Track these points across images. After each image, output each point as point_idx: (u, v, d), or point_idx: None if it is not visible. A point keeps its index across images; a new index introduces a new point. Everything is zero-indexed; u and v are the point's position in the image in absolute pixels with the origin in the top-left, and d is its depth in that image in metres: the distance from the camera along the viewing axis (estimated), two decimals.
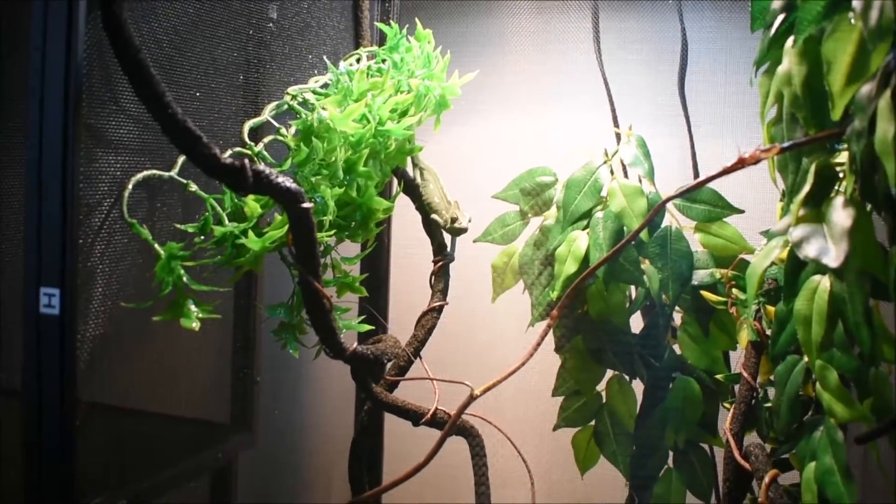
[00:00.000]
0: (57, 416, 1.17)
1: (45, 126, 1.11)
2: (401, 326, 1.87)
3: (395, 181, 1.85)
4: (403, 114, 1.63)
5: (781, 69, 1.12)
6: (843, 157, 1.10)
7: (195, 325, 1.32)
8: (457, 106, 1.76)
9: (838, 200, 1.01)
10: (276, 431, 2.32)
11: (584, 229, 1.66)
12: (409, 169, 1.86)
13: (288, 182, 1.22)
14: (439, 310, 1.79)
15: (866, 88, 0.94)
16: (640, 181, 1.66)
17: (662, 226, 1.65)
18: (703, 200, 1.64)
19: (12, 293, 1.36)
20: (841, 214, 0.99)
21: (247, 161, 1.14)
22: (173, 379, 1.72)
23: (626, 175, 1.71)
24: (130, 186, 1.29)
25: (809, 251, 0.99)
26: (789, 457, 1.48)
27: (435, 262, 1.83)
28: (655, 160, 1.68)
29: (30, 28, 1.12)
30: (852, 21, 0.95)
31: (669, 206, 1.64)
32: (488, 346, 2.18)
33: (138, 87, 1.06)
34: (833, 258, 0.96)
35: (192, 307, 1.32)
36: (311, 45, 1.77)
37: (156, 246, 1.30)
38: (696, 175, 1.82)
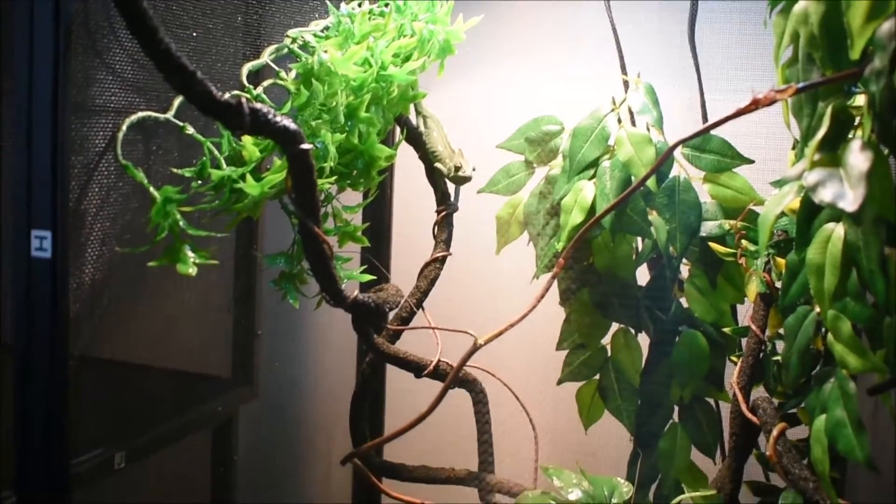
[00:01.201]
0: (48, 366, 1.14)
1: (35, 57, 1.08)
2: (403, 277, 1.85)
3: (398, 129, 1.82)
4: (406, 59, 1.60)
5: (798, 8, 1.08)
6: (859, 100, 1.07)
7: (192, 271, 1.29)
8: (462, 53, 1.72)
9: (855, 144, 0.97)
10: (277, 384, 2.32)
11: (590, 179, 1.63)
12: (413, 117, 1.82)
13: (286, 122, 1.18)
14: (442, 260, 1.77)
15: (887, 25, 0.91)
16: (649, 129, 1.62)
17: (671, 176, 1.62)
18: (713, 150, 1.60)
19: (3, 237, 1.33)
20: (858, 158, 0.95)
21: (244, 99, 1.11)
22: (172, 331, 1.70)
23: (633, 123, 1.68)
24: (125, 127, 1.26)
25: (825, 195, 0.96)
26: (797, 411, 1.46)
27: (438, 212, 1.81)
28: (664, 110, 1.64)
29: None
30: None
31: (678, 155, 1.61)
32: (492, 298, 2.16)
33: (131, 21, 1.02)
34: (850, 202, 0.93)
35: (189, 253, 1.30)
36: None
37: (151, 189, 1.27)
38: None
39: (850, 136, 1.03)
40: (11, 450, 1.18)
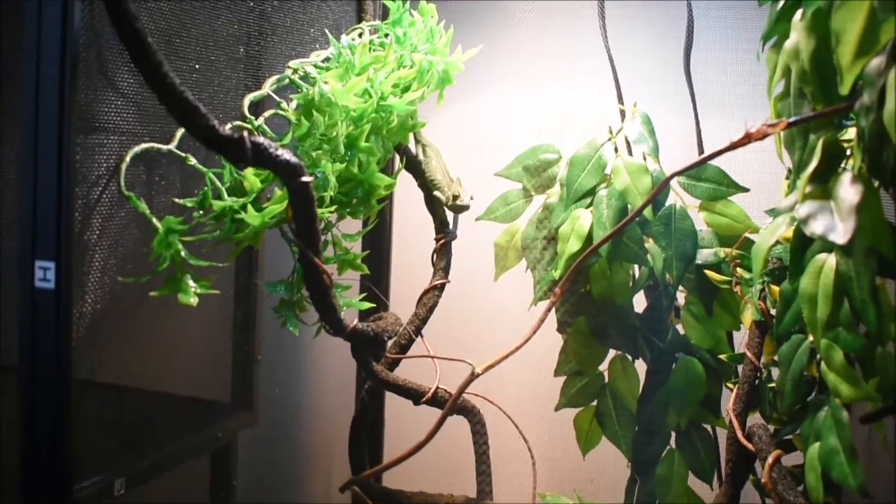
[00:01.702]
0: (52, 393, 1.16)
1: (41, 95, 1.10)
2: (402, 304, 1.86)
3: (398, 157, 1.83)
4: (406, 89, 1.62)
5: (789, 43, 1.10)
6: (850, 133, 1.09)
7: (193, 301, 1.30)
8: (460, 81, 1.74)
9: (846, 177, 0.99)
10: (277, 410, 2.32)
11: (587, 207, 1.65)
12: (412, 145, 1.84)
13: (287, 155, 1.20)
14: (441, 288, 1.78)
15: (876, 62, 0.92)
16: (645, 159, 1.64)
17: (667, 204, 1.63)
18: (708, 178, 1.62)
19: (9, 266, 1.35)
20: (849, 191, 0.97)
21: (245, 133, 1.13)
22: (172, 356, 1.71)
23: (630, 152, 1.70)
24: (128, 159, 1.27)
25: (816, 228, 0.97)
26: (793, 438, 1.47)
27: (437, 240, 1.82)
28: (660, 139, 1.66)
29: None
30: None
31: (674, 184, 1.63)
32: (490, 325, 2.17)
33: (135, 56, 1.04)
34: (840, 235, 0.94)
35: (191, 282, 1.31)
36: (313, 18, 1.75)
37: (153, 220, 1.29)
38: (701, 151, 1.80)
39: (842, 167, 1.05)
40: (13, 475, 1.19)
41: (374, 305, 1.69)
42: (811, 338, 1.35)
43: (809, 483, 1.30)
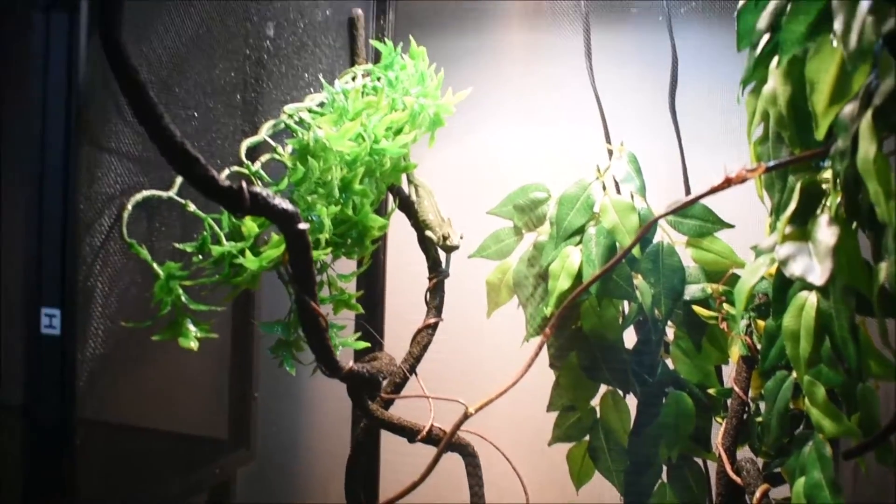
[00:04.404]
0: (58, 437, 1.18)
1: (47, 146, 1.13)
2: (397, 342, 1.89)
3: (391, 198, 1.87)
4: (398, 132, 1.65)
5: (767, 89, 1.13)
6: (829, 173, 1.12)
7: (193, 345, 1.34)
8: (451, 122, 1.78)
9: (823, 219, 1.02)
10: (274, 448, 2.33)
11: (577, 245, 1.68)
12: (405, 185, 1.87)
13: (284, 203, 1.24)
14: (434, 326, 1.81)
15: (849, 109, 0.95)
16: (632, 197, 1.67)
17: (654, 241, 1.67)
18: (695, 216, 1.65)
19: (15, 312, 1.37)
20: (825, 233, 1.01)
21: (244, 183, 1.16)
22: (172, 395, 1.73)
23: (618, 191, 1.73)
24: (130, 207, 1.30)
25: (795, 269, 1.01)
26: (781, 470, 1.50)
27: (430, 279, 1.85)
28: (647, 175, 1.70)
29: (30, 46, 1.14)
30: (834, 43, 0.96)
31: (661, 221, 1.66)
32: (483, 361, 2.19)
33: (137, 108, 1.08)
34: (818, 276, 0.98)
35: (191, 327, 1.34)
36: (308, 63, 1.79)
37: (154, 266, 1.32)
38: (687, 189, 1.84)
39: (821, 207, 1.08)
40: None
41: (370, 345, 1.71)
42: (795, 374, 1.37)
43: None
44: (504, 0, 2.19)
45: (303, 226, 1.28)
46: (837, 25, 0.90)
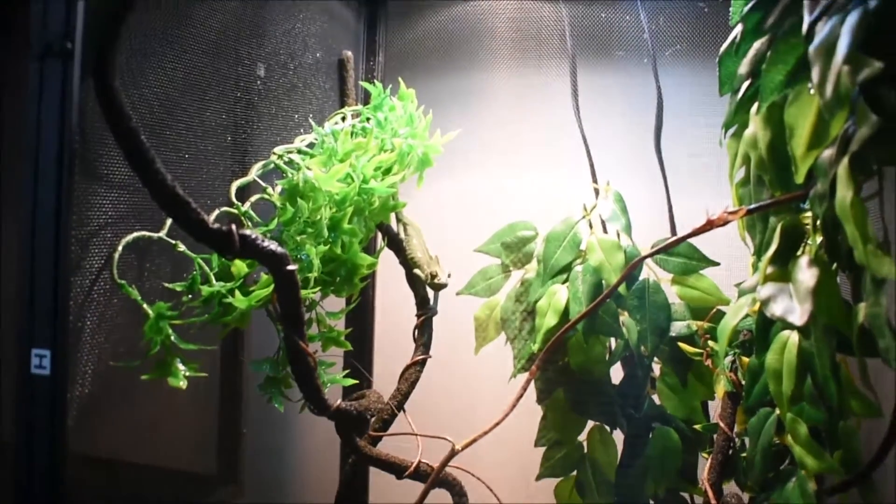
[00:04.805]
0: (48, 474, 1.19)
1: (39, 191, 1.14)
2: (385, 379, 1.90)
3: (380, 236, 1.88)
4: (387, 171, 1.67)
5: (748, 133, 1.16)
6: (809, 214, 1.14)
7: (182, 384, 1.35)
8: (439, 161, 1.80)
9: (804, 260, 1.04)
10: (263, 484, 2.33)
11: (563, 283, 1.70)
12: (393, 223, 1.89)
13: (273, 246, 1.25)
14: (422, 363, 1.82)
15: (827, 153, 0.97)
16: (618, 235, 1.69)
17: (640, 278, 1.68)
18: (680, 253, 1.67)
19: (6, 352, 1.38)
20: (806, 274, 1.03)
21: (234, 227, 1.18)
22: (162, 431, 1.73)
23: (604, 229, 1.75)
24: (120, 248, 1.32)
25: (776, 310, 1.03)
26: None
27: (418, 316, 1.86)
28: (632, 213, 1.72)
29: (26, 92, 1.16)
30: (811, 91, 0.99)
31: (647, 259, 1.67)
32: (472, 397, 2.20)
33: (129, 155, 1.09)
34: (798, 317, 1.00)
35: (180, 366, 1.35)
36: (297, 104, 1.81)
37: (144, 306, 1.33)
38: (673, 228, 1.86)
39: (803, 246, 1.11)
40: None
41: (358, 381, 1.72)
42: (778, 410, 1.39)
43: None
44: (491, 42, 2.22)
45: (291, 267, 1.29)
46: (814, 75, 0.92)
